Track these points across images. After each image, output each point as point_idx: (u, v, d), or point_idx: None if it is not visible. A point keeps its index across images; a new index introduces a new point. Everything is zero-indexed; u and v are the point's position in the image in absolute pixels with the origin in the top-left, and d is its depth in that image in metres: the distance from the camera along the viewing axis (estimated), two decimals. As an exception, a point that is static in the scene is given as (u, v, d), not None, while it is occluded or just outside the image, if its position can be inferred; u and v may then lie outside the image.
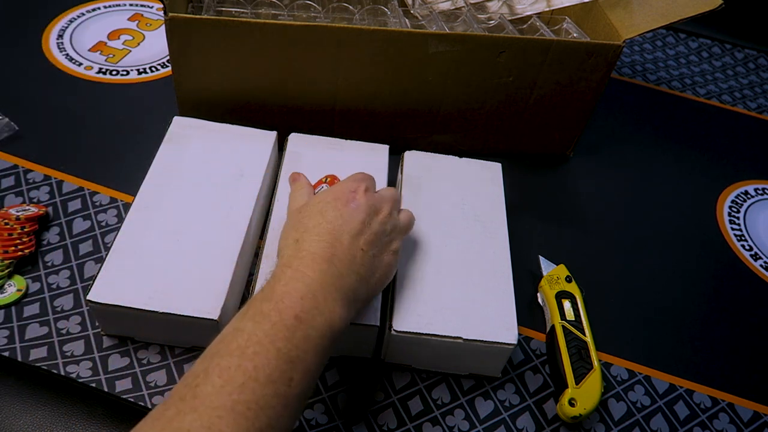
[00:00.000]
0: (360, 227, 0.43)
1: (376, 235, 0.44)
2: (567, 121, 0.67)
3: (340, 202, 0.44)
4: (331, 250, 0.41)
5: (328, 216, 0.43)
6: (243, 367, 0.33)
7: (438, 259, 0.51)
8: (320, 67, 0.58)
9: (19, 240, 0.53)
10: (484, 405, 0.50)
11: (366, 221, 0.43)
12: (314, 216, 0.43)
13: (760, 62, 0.94)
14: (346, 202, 0.44)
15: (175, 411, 0.32)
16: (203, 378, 0.33)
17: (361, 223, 0.43)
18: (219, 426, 0.31)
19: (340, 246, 0.41)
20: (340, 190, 0.45)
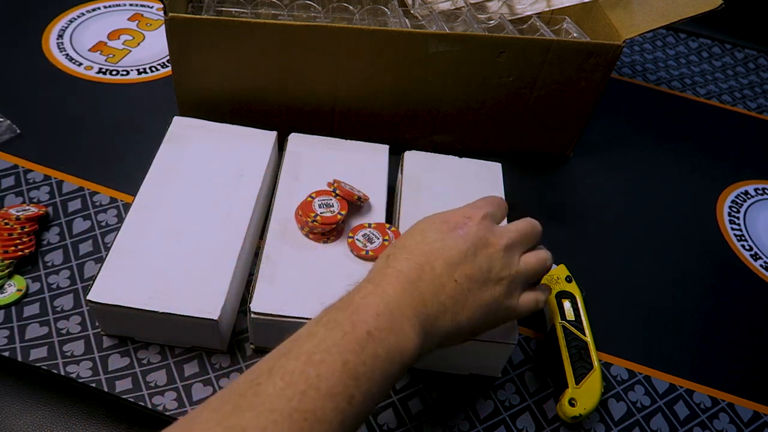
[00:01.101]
0: (460, 257, 0.39)
1: (480, 270, 0.39)
2: (567, 121, 0.67)
3: (447, 226, 0.40)
4: (418, 271, 0.38)
5: (428, 237, 0.40)
6: (306, 373, 0.32)
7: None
8: (320, 67, 0.58)
9: (19, 240, 0.53)
10: (484, 405, 0.50)
11: (469, 252, 0.39)
12: (415, 235, 0.40)
13: (760, 62, 0.94)
14: (454, 226, 0.40)
15: (232, 407, 0.31)
16: (266, 377, 0.32)
17: (462, 253, 0.39)
18: (273, 430, 0.30)
19: (431, 270, 0.38)
20: (455, 213, 0.42)
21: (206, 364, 0.49)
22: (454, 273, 0.38)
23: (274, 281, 0.47)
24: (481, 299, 0.39)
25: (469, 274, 0.39)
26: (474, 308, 0.39)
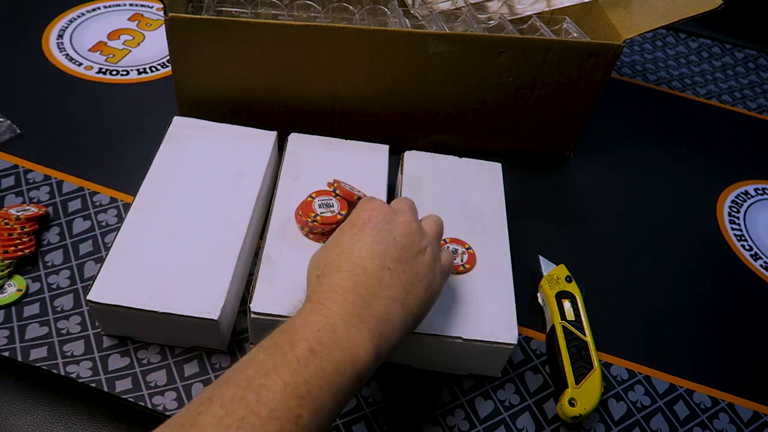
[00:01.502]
0: (382, 246, 0.39)
1: (403, 248, 0.40)
2: (567, 121, 0.67)
3: (356, 227, 0.40)
4: (352, 278, 0.38)
5: (345, 244, 0.40)
6: (246, 399, 0.31)
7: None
8: (320, 67, 0.58)
9: (19, 240, 0.53)
10: (484, 405, 0.50)
11: (387, 238, 0.40)
12: (332, 249, 0.40)
13: (760, 62, 0.94)
14: (361, 224, 0.40)
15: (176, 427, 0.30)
16: (206, 406, 0.31)
17: (382, 242, 0.39)
18: None
19: (363, 272, 0.38)
20: (355, 214, 0.42)
21: (206, 364, 0.49)
22: (385, 263, 0.38)
23: (274, 281, 0.47)
24: (417, 275, 0.40)
25: (398, 257, 0.39)
26: (416, 287, 0.39)
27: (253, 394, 0.31)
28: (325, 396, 0.33)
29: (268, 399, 0.31)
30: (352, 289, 0.37)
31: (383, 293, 0.38)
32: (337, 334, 0.35)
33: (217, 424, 0.30)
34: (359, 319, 0.36)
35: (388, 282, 0.38)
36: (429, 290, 0.40)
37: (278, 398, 0.31)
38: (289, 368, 0.32)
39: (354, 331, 0.35)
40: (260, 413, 0.31)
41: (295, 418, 0.31)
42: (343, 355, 0.34)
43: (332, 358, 0.34)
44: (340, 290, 0.37)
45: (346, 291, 0.37)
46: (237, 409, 0.31)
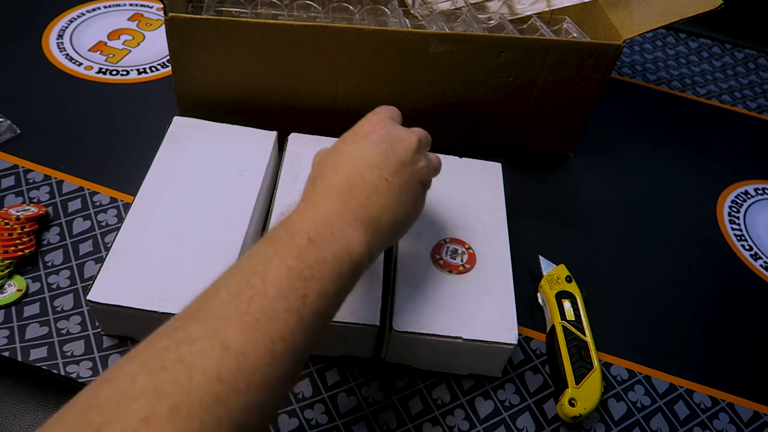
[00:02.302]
0: (381, 158, 0.40)
1: (402, 163, 0.41)
2: (567, 121, 0.67)
3: (359, 136, 0.41)
4: (349, 182, 0.38)
5: (345, 150, 0.40)
6: (251, 283, 0.32)
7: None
8: (320, 67, 0.58)
9: (19, 240, 0.53)
10: (484, 405, 0.50)
11: (388, 151, 0.40)
12: (332, 153, 0.41)
13: (760, 62, 0.94)
14: (364, 134, 0.41)
15: (180, 324, 0.31)
16: (212, 295, 0.32)
17: (383, 154, 0.40)
18: (224, 334, 0.30)
19: (360, 178, 0.39)
20: (360, 125, 0.42)
21: (206, 364, 0.49)
22: (383, 173, 0.39)
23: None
24: (410, 191, 0.41)
25: (395, 171, 0.40)
26: (407, 202, 0.41)
27: (258, 278, 0.32)
28: (326, 280, 0.34)
29: (273, 281, 0.32)
30: (347, 191, 0.38)
31: (377, 200, 0.38)
32: (333, 228, 0.36)
33: (225, 305, 0.31)
34: (353, 217, 0.37)
35: (383, 191, 0.39)
36: (416, 207, 0.42)
37: (284, 280, 0.32)
38: (291, 255, 0.33)
39: (348, 228, 0.36)
40: (267, 293, 0.32)
41: (302, 297, 0.32)
42: (340, 246, 0.35)
43: (331, 248, 0.35)
44: (335, 191, 0.38)
45: (341, 192, 0.38)
46: (244, 291, 0.32)
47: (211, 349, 0.29)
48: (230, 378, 0.29)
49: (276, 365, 0.30)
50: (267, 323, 0.31)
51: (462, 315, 0.48)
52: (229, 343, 0.29)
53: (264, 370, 0.30)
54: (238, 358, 0.29)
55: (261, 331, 0.30)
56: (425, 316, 0.47)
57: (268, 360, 0.30)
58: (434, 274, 0.50)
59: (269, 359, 0.30)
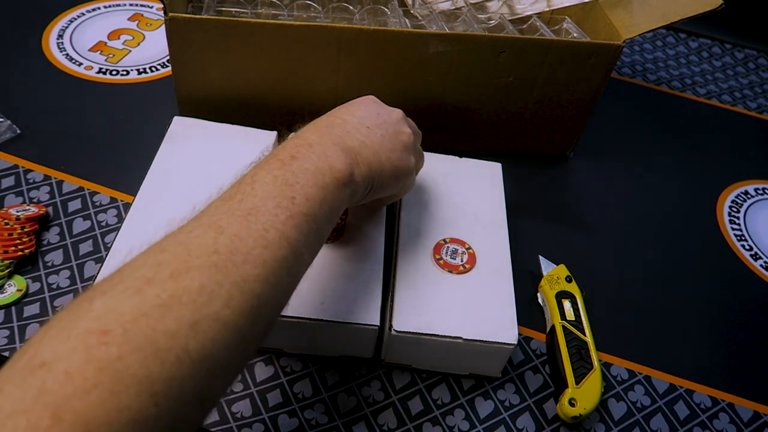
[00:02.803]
0: (366, 113, 0.43)
1: (385, 122, 0.44)
2: (567, 121, 0.67)
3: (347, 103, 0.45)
4: (329, 123, 0.41)
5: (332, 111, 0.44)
6: (241, 189, 0.34)
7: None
8: (320, 67, 0.58)
9: (19, 240, 0.53)
10: (484, 405, 0.50)
11: (372, 111, 0.44)
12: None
13: (760, 62, 0.94)
14: (352, 101, 0.45)
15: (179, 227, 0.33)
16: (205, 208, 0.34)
17: (368, 112, 0.43)
18: (219, 222, 0.32)
19: (342, 122, 0.41)
20: None
21: (206, 364, 0.49)
22: (365, 123, 0.42)
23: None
24: (393, 143, 0.43)
25: (378, 124, 0.43)
26: (390, 149, 0.43)
27: (247, 185, 0.35)
28: (311, 187, 0.35)
29: (262, 186, 0.34)
30: (328, 126, 0.41)
31: (357, 136, 0.41)
32: (313, 149, 0.38)
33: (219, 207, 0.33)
34: (332, 143, 0.39)
35: (365, 132, 0.42)
36: (401, 164, 0.44)
37: (271, 185, 0.35)
38: (275, 166, 0.36)
39: (329, 150, 0.38)
40: (257, 194, 0.34)
41: (289, 198, 0.34)
42: (321, 161, 0.37)
43: (312, 161, 0.37)
44: (317, 126, 0.41)
45: (322, 126, 0.41)
46: (235, 195, 0.34)
47: (207, 233, 0.31)
48: (226, 252, 0.30)
49: (270, 248, 0.32)
50: (258, 216, 0.33)
51: (462, 315, 0.48)
52: (224, 228, 0.32)
53: (259, 251, 0.31)
54: (232, 239, 0.31)
55: (253, 222, 0.32)
56: (425, 316, 0.47)
57: (263, 243, 0.32)
58: (434, 274, 0.50)
59: (263, 243, 0.32)
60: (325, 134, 0.39)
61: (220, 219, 0.32)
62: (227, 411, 0.46)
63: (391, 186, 0.44)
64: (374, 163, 0.41)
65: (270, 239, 0.32)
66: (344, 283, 0.48)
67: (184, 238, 0.31)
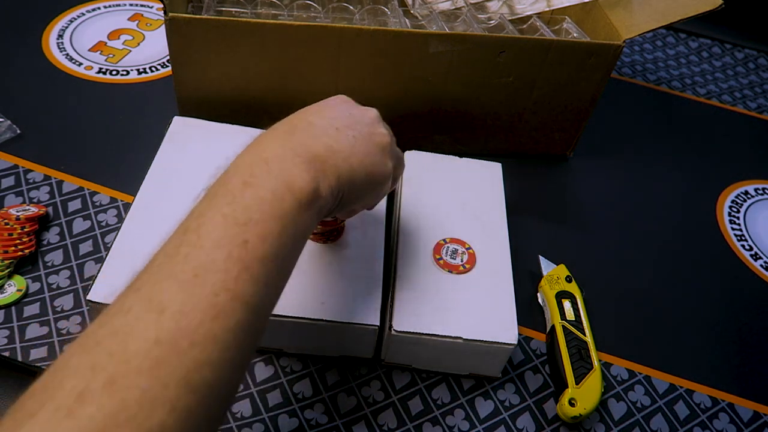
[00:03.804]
0: (336, 113, 0.38)
1: (357, 122, 0.39)
2: (567, 121, 0.67)
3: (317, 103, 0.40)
4: (293, 125, 0.36)
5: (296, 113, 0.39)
6: (186, 239, 0.30)
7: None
8: (320, 67, 0.58)
9: (19, 240, 0.53)
10: (484, 405, 0.50)
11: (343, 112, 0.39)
12: None
13: (760, 62, 0.94)
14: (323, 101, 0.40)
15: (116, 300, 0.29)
16: (148, 263, 0.31)
17: (338, 111, 0.39)
18: (160, 297, 0.28)
19: (307, 124, 0.37)
20: None
21: (206, 364, 0.49)
22: (334, 124, 0.37)
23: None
24: (367, 146, 0.38)
25: (350, 125, 0.38)
26: (364, 153, 0.38)
27: (192, 233, 0.30)
28: (268, 221, 0.31)
29: (209, 232, 0.30)
30: (290, 131, 0.36)
31: (324, 140, 0.36)
32: (270, 166, 0.33)
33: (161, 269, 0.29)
34: (293, 154, 0.34)
35: (333, 135, 0.37)
36: (375, 169, 0.39)
37: (219, 229, 0.30)
38: (225, 202, 0.31)
39: (289, 164, 0.33)
40: (203, 246, 0.30)
41: (242, 243, 0.30)
42: (278, 183, 0.32)
43: (268, 186, 0.32)
44: (277, 133, 0.36)
45: (283, 133, 0.36)
46: (179, 249, 0.30)
47: (147, 314, 0.27)
48: (169, 338, 0.27)
49: (222, 318, 0.28)
50: (206, 276, 0.29)
51: (462, 315, 0.48)
52: (166, 305, 0.28)
53: (208, 325, 0.28)
54: (176, 317, 0.27)
55: (200, 286, 0.28)
56: (425, 316, 0.47)
57: (212, 314, 0.28)
58: (434, 274, 0.50)
59: (213, 312, 0.28)
60: (285, 142, 0.35)
61: (162, 290, 0.28)
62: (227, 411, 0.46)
63: (365, 195, 0.40)
64: (344, 171, 0.36)
65: (221, 306, 0.28)
66: (344, 283, 0.48)
67: (121, 323, 0.27)
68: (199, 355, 0.27)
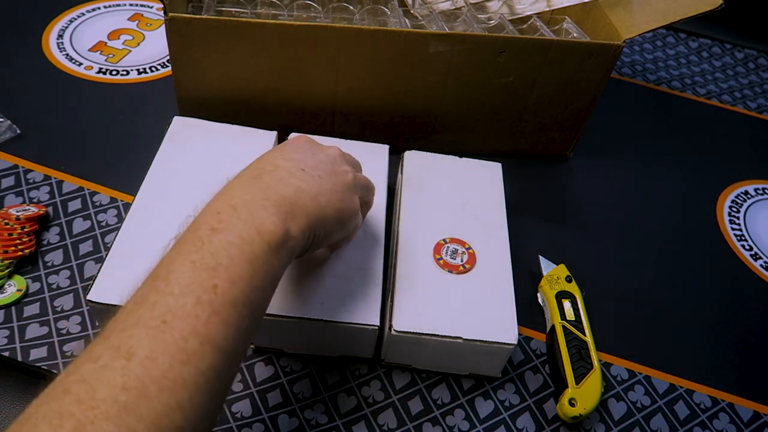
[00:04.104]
0: (300, 155, 0.39)
1: (322, 162, 0.40)
2: (567, 121, 0.67)
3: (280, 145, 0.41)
4: (259, 169, 0.37)
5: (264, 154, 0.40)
6: (155, 286, 0.30)
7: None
8: (320, 67, 0.58)
9: (19, 240, 0.53)
10: (484, 405, 0.50)
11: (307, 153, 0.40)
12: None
13: (760, 62, 0.94)
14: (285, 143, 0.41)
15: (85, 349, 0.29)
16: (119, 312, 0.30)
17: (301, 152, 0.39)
18: (128, 343, 0.28)
19: (273, 168, 0.37)
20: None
21: (206, 364, 0.49)
22: (300, 165, 0.38)
23: (274, 281, 0.47)
24: (334, 185, 0.39)
25: (315, 165, 0.39)
26: (331, 191, 0.38)
27: (161, 280, 0.31)
28: (237, 265, 0.31)
29: (178, 278, 0.30)
30: (257, 177, 0.36)
31: (292, 182, 0.36)
32: (238, 212, 0.33)
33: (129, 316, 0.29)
34: (262, 197, 0.34)
35: (300, 176, 0.37)
36: (343, 206, 0.40)
37: (188, 275, 0.30)
38: (193, 248, 0.32)
39: (257, 208, 0.34)
40: (172, 292, 0.30)
41: (211, 288, 0.30)
42: (246, 227, 0.33)
43: (236, 231, 0.32)
44: (244, 179, 0.36)
45: (250, 178, 0.36)
46: (148, 296, 0.30)
47: (115, 361, 0.27)
48: (137, 385, 0.27)
49: (192, 362, 0.28)
50: (174, 322, 0.29)
51: (462, 315, 0.48)
52: (134, 351, 0.28)
53: (177, 370, 0.28)
54: (145, 363, 0.27)
55: (168, 332, 0.28)
56: (425, 316, 0.47)
57: (182, 358, 0.28)
58: (434, 274, 0.50)
59: (183, 357, 0.28)
60: (252, 187, 0.35)
61: (130, 336, 0.28)
62: (227, 411, 0.46)
63: (336, 231, 0.40)
64: (314, 211, 0.37)
65: (190, 351, 0.28)
66: (344, 283, 0.48)
67: (89, 370, 0.27)
68: (168, 399, 0.27)
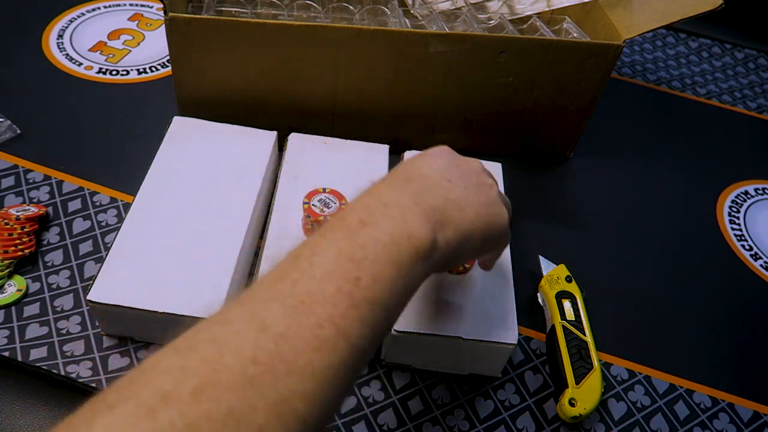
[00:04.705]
0: (445, 164, 0.37)
1: (467, 173, 0.38)
2: (567, 120, 0.67)
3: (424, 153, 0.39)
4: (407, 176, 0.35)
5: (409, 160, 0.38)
6: (297, 264, 0.29)
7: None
8: (320, 67, 0.58)
9: (19, 240, 0.53)
10: (484, 405, 0.50)
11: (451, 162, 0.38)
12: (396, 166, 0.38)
13: (760, 62, 0.94)
14: (430, 152, 0.39)
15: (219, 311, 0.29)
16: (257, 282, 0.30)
17: (446, 162, 0.38)
18: (263, 315, 0.27)
19: (420, 176, 0.36)
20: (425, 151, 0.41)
21: (206, 364, 0.49)
22: (446, 175, 0.37)
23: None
24: (479, 195, 0.38)
25: (461, 175, 0.37)
26: (477, 204, 0.37)
27: (305, 260, 0.29)
28: (383, 263, 0.30)
29: (321, 262, 0.29)
30: (406, 181, 0.35)
31: (439, 192, 0.35)
32: (389, 211, 0.32)
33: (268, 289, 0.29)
34: (412, 202, 0.33)
35: (446, 186, 0.36)
36: (492, 219, 0.38)
37: (333, 261, 0.29)
38: (341, 236, 0.30)
39: (407, 212, 0.32)
40: (314, 274, 0.29)
41: (354, 279, 0.29)
42: (397, 228, 0.31)
43: (386, 228, 0.31)
44: (392, 181, 0.35)
45: (400, 181, 0.35)
46: (289, 273, 0.29)
47: (247, 330, 0.26)
48: (267, 360, 0.25)
49: (324, 351, 0.27)
50: (312, 305, 0.27)
51: (462, 315, 0.48)
52: (268, 324, 0.26)
53: (309, 356, 0.26)
54: (277, 340, 0.26)
55: (305, 314, 0.27)
56: (425, 316, 0.47)
57: (314, 345, 0.26)
58: (434, 274, 0.50)
59: (316, 344, 0.27)
60: (402, 190, 0.34)
61: (267, 308, 0.27)
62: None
63: (485, 245, 0.39)
64: (463, 223, 0.35)
65: (324, 339, 0.27)
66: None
67: (220, 333, 0.27)
68: (294, 384, 0.26)
